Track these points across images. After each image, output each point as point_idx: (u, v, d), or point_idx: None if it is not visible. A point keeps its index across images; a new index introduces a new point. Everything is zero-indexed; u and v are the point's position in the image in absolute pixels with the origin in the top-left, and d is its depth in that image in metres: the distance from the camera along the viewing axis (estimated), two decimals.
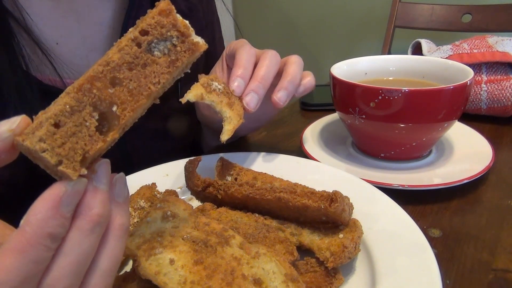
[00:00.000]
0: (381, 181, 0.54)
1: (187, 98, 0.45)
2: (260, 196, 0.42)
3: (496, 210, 0.52)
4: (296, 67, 0.56)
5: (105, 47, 0.64)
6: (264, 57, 0.55)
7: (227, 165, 0.54)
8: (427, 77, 0.66)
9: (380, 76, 0.69)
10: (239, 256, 0.34)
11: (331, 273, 0.39)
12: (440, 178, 0.57)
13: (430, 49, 0.86)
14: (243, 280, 0.32)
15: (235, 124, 0.49)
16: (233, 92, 0.51)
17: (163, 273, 0.32)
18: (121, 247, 0.29)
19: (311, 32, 2.34)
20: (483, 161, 0.58)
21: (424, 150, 0.63)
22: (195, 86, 0.47)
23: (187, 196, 0.52)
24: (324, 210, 0.39)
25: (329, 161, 0.62)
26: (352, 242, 0.39)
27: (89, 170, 0.27)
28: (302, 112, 0.91)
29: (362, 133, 0.63)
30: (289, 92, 0.54)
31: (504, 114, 0.77)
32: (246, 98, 0.52)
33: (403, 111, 0.54)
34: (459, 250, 0.45)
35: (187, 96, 0.45)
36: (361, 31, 2.18)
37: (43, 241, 0.24)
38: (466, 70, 0.59)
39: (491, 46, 0.78)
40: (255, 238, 0.40)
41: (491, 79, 0.76)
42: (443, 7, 1.41)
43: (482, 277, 0.41)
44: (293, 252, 0.39)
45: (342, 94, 0.61)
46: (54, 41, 0.60)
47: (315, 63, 2.31)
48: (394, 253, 0.40)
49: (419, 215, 0.52)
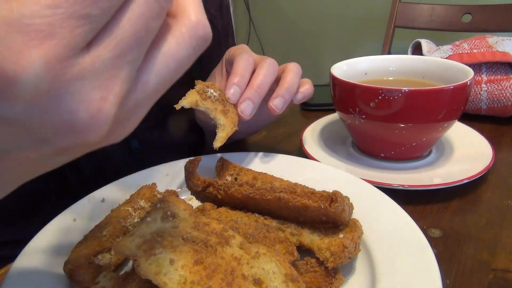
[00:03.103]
0: (381, 181, 0.54)
1: (182, 104, 0.45)
2: (260, 196, 0.42)
3: (496, 210, 0.52)
4: (293, 75, 0.56)
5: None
6: (261, 65, 0.55)
7: (227, 165, 0.54)
8: (427, 77, 0.66)
9: (380, 76, 0.69)
10: (239, 256, 0.34)
11: (331, 273, 0.39)
12: (440, 178, 0.57)
13: (430, 49, 0.86)
14: (243, 280, 0.32)
15: (229, 131, 0.50)
16: (228, 100, 0.52)
17: (163, 273, 0.32)
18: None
19: (311, 32, 2.34)
20: (483, 161, 0.58)
21: (424, 150, 0.63)
22: (190, 93, 0.48)
23: (187, 196, 0.52)
24: (324, 210, 0.39)
25: (329, 161, 0.62)
26: (352, 242, 0.39)
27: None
28: (302, 112, 0.91)
29: (362, 133, 0.63)
30: (286, 99, 0.55)
31: (504, 114, 0.77)
32: (241, 106, 0.52)
33: (403, 111, 0.54)
34: (459, 250, 0.45)
35: (181, 103, 0.45)
36: (361, 31, 2.18)
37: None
38: (466, 70, 0.59)
39: (491, 46, 0.78)
40: (255, 238, 0.40)
41: (491, 79, 0.76)
42: (443, 7, 1.41)
43: (482, 277, 0.41)
44: (293, 252, 0.39)
45: (342, 94, 0.61)
46: None
47: (315, 63, 2.31)
48: (394, 253, 0.40)
49: (419, 215, 0.52)
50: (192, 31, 0.23)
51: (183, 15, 0.23)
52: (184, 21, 0.23)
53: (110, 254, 0.41)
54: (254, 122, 0.56)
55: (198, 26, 0.23)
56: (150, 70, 0.22)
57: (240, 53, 0.56)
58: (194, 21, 0.23)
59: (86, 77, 0.19)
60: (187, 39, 0.23)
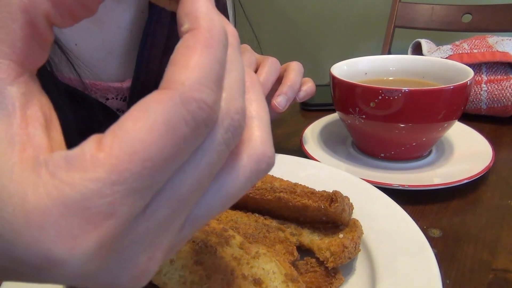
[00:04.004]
0: (381, 181, 0.54)
1: None
2: (260, 196, 0.42)
3: (496, 210, 0.52)
4: (296, 74, 0.57)
5: (123, 51, 0.64)
6: (263, 65, 0.56)
7: None
8: (427, 77, 0.66)
9: (380, 76, 0.69)
10: (239, 256, 0.34)
11: (331, 273, 0.39)
12: (440, 178, 0.57)
13: (430, 49, 0.86)
14: (243, 280, 0.32)
15: None
16: None
17: (163, 273, 0.32)
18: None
19: (311, 32, 2.33)
20: (483, 161, 0.58)
21: (424, 150, 0.63)
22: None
23: None
24: (324, 210, 0.39)
25: (329, 161, 0.62)
26: (352, 242, 0.39)
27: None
28: (302, 112, 0.91)
29: (362, 133, 0.63)
30: (289, 97, 0.55)
31: (504, 114, 0.77)
32: None
33: (403, 111, 0.54)
34: (459, 250, 0.45)
35: None
36: (361, 31, 2.18)
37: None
38: (466, 70, 0.59)
39: (491, 46, 0.78)
40: (255, 238, 0.40)
41: (491, 79, 0.76)
42: (443, 7, 1.41)
43: (482, 277, 0.41)
44: (293, 252, 0.39)
45: (342, 94, 0.61)
46: (73, 42, 0.60)
47: (315, 63, 2.31)
48: (394, 253, 0.40)
49: (419, 215, 0.52)
50: (255, 166, 0.20)
51: (248, 143, 0.20)
52: (248, 151, 0.20)
53: None
54: None
55: (263, 159, 0.20)
56: (200, 206, 0.19)
57: (242, 52, 0.56)
58: (259, 153, 0.20)
59: (137, 242, 0.17)
60: (247, 173, 0.20)
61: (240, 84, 0.20)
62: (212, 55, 0.17)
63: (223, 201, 0.20)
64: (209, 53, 0.17)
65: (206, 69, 0.17)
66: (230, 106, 0.18)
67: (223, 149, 0.18)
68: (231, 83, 0.19)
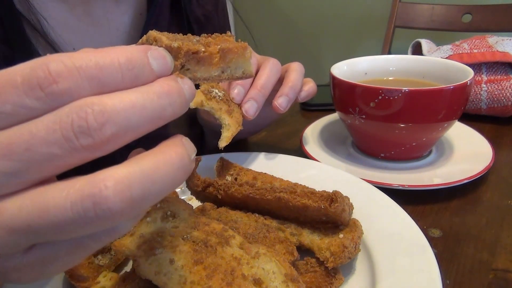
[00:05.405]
0: (381, 181, 0.54)
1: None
2: (260, 196, 0.42)
3: (496, 210, 0.52)
4: (297, 74, 0.57)
5: None
6: (265, 66, 0.56)
7: (227, 165, 0.54)
8: (427, 77, 0.66)
9: (380, 76, 0.69)
10: (239, 256, 0.34)
11: (331, 273, 0.39)
12: (440, 178, 0.57)
13: (430, 49, 0.86)
14: (243, 280, 0.32)
15: (234, 131, 0.50)
16: (232, 100, 0.53)
17: (163, 273, 0.32)
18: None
19: (311, 32, 2.34)
20: (483, 161, 0.58)
21: (424, 150, 0.63)
22: (195, 93, 0.47)
23: (187, 196, 0.52)
24: (324, 210, 0.39)
25: (329, 161, 0.62)
26: (352, 242, 0.39)
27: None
28: (302, 112, 0.91)
29: (362, 133, 0.63)
30: (290, 98, 0.55)
31: (504, 114, 0.77)
32: (245, 105, 0.53)
33: (403, 111, 0.54)
34: (459, 250, 0.45)
35: None
36: (361, 31, 2.18)
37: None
38: (466, 70, 0.59)
39: (491, 46, 0.78)
40: (255, 238, 0.40)
41: (491, 79, 0.76)
42: (443, 7, 1.41)
43: (482, 277, 0.41)
44: (293, 252, 0.39)
45: (342, 94, 0.61)
46: (71, 46, 0.60)
47: (315, 63, 2.31)
48: (394, 253, 0.40)
49: (419, 215, 0.52)
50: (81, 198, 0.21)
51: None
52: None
53: (110, 254, 0.41)
54: (258, 121, 0.57)
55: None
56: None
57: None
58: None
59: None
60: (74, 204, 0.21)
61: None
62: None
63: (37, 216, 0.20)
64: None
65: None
66: (88, 103, 0.20)
67: (55, 128, 0.19)
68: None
